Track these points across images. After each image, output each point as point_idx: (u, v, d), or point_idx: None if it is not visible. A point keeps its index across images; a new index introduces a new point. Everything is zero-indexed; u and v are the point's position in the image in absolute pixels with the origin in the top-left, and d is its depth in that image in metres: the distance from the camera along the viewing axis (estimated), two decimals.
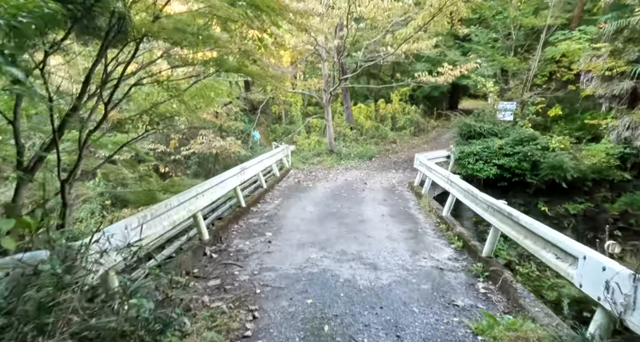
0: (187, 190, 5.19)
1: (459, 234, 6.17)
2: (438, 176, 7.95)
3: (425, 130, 21.48)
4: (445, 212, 7.24)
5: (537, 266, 6.09)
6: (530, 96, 13.46)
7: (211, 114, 13.70)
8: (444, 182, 7.45)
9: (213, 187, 6.10)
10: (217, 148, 12.50)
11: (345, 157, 15.88)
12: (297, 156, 16.80)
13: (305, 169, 14.01)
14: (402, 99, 21.72)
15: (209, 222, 6.62)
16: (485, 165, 11.82)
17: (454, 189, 6.80)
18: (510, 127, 12.93)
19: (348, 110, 19.34)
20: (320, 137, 18.65)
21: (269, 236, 6.34)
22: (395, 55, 14.45)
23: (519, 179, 11.79)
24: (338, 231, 6.65)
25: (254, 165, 8.93)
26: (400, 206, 8.67)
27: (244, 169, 8.04)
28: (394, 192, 10.14)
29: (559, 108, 15.73)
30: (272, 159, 11.14)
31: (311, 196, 9.61)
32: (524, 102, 13.53)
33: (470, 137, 12.78)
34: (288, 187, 10.71)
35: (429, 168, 8.82)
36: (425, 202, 8.38)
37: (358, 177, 12.47)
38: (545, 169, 11.37)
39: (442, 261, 5.36)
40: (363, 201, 9.05)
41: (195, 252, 5.19)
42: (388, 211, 8.12)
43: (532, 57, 17.49)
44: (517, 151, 11.69)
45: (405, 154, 17.06)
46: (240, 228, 6.77)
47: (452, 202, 7.16)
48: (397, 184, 11.41)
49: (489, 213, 5.14)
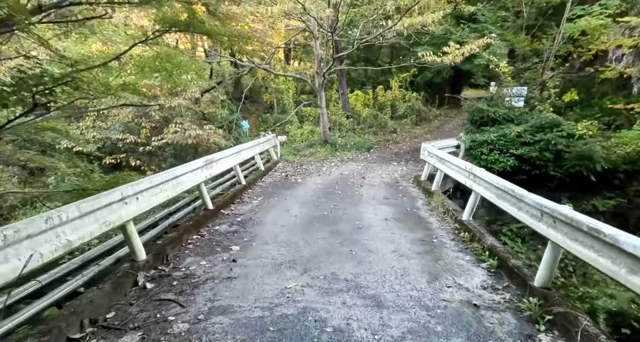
0: (105, 193, 3.51)
1: (491, 248, 4.53)
2: (455, 169, 6.30)
3: (427, 119, 19.79)
4: (466, 215, 5.60)
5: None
6: (551, 76, 11.77)
7: (189, 99, 11.96)
8: (464, 177, 5.80)
9: (157, 186, 4.42)
10: (193, 138, 10.81)
11: (340, 148, 14.20)
12: (288, 147, 15.13)
13: (296, 162, 12.33)
14: (402, 86, 19.96)
15: (158, 232, 4.95)
16: (501, 156, 10.19)
17: (481, 187, 5.15)
18: (528, 112, 11.26)
19: (344, 97, 17.60)
20: (313, 126, 16.94)
21: (235, 252, 4.69)
22: (396, 32, 12.68)
23: (539, 172, 10.18)
24: (328, 243, 5.01)
25: (227, 157, 7.24)
26: (407, 206, 7.03)
27: (211, 162, 6.36)
28: (397, 189, 8.49)
29: (574, 93, 14.06)
30: (254, 149, 9.45)
31: (299, 193, 7.96)
32: (544, 83, 11.84)
33: (483, 123, 11.11)
34: (272, 184, 9.04)
35: (441, 159, 7.16)
36: (438, 201, 6.74)
37: (355, 170, 10.81)
38: (571, 159, 9.74)
39: (475, 291, 3.74)
40: (361, 200, 7.41)
41: (120, 283, 3.53)
42: (392, 213, 6.48)
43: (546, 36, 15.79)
44: (538, 139, 10.05)
45: (406, 144, 15.39)
46: (199, 240, 5.11)
47: (475, 202, 5.53)
48: (400, 178, 9.76)
49: (546, 224, 3.50)
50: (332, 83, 21.71)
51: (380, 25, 12.75)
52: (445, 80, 22.33)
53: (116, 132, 11.54)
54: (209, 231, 5.49)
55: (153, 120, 11.68)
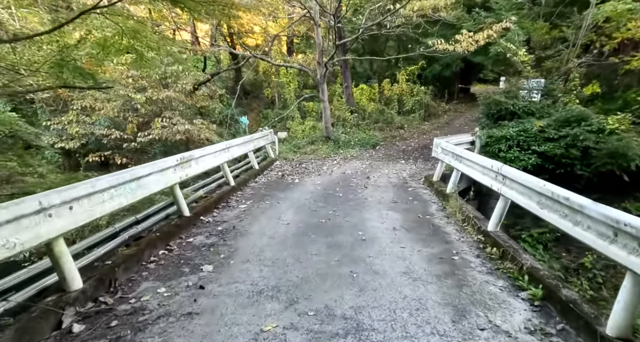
0: (11, 203, 2.55)
1: (531, 270, 3.51)
2: (477, 169, 5.26)
3: (435, 114, 18.67)
4: (492, 225, 4.57)
5: None
6: (578, 64, 10.63)
7: (180, 92, 11.00)
8: (490, 178, 4.77)
9: (104, 190, 3.47)
10: (182, 133, 9.87)
11: (344, 145, 13.18)
12: (288, 144, 14.16)
13: (295, 160, 11.34)
14: (409, 79, 18.83)
15: (112, 247, 3.99)
16: (522, 154, 9.10)
17: (513, 191, 4.12)
18: (550, 104, 10.15)
19: (348, 91, 16.54)
20: (316, 122, 15.92)
21: (206, 274, 3.71)
22: (405, 19, 11.60)
23: (564, 171, 9.09)
24: (324, 261, 4.02)
25: (210, 154, 6.26)
26: (418, 211, 6.01)
27: (188, 160, 5.39)
28: (406, 190, 7.47)
29: (596, 85, 12.88)
30: (246, 146, 8.46)
31: (294, 196, 6.97)
32: (569, 72, 10.71)
33: (501, 117, 10.02)
34: (266, 184, 8.06)
35: (459, 157, 6.12)
36: (455, 206, 5.71)
37: (359, 169, 9.79)
38: (602, 157, 8.63)
39: (519, 337, 2.73)
40: (365, 204, 6.40)
41: (31, 328, 2.58)
42: (401, 221, 5.46)
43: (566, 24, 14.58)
44: (563, 135, 8.95)
45: (415, 141, 14.32)
46: (165, 257, 4.15)
47: (504, 210, 4.49)
48: (408, 178, 8.73)
49: (625, 248, 2.47)
50: (336, 77, 20.67)
51: (387, 10, 11.66)
52: (455, 74, 21.14)
53: (101, 128, 10.63)
54: (180, 244, 4.52)
55: (141, 114, 10.75)
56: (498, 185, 4.48)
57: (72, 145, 10.44)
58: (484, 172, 5.01)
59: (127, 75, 10.55)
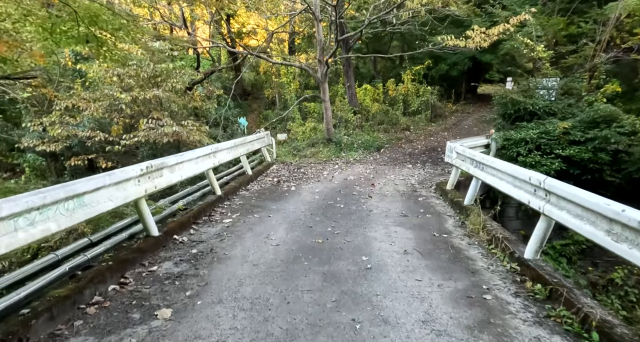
0: None
1: (603, 326, 2.53)
2: (507, 181, 4.26)
3: (442, 115, 17.64)
4: (531, 252, 3.58)
5: None
6: (608, 58, 9.61)
7: (170, 91, 10.09)
8: (527, 192, 3.78)
9: (21, 214, 2.54)
10: (169, 135, 8.97)
11: (346, 148, 12.22)
12: (287, 147, 13.26)
13: (293, 164, 10.41)
14: (415, 79, 17.82)
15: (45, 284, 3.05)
16: (544, 158, 8.09)
17: (564, 212, 3.14)
18: (573, 103, 9.13)
19: (351, 90, 15.58)
20: (317, 123, 14.96)
21: (160, 324, 2.76)
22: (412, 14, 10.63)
23: (591, 177, 8.07)
24: (318, 302, 3.06)
25: (190, 161, 5.33)
26: (432, 227, 5.03)
27: (159, 168, 4.46)
28: (416, 201, 6.49)
29: (616, 84, 11.85)
30: (237, 150, 7.53)
31: (289, 208, 6.01)
32: (595, 69, 9.70)
33: (519, 118, 9.02)
34: (259, 193, 7.11)
35: (480, 164, 5.14)
36: (476, 223, 4.73)
37: (362, 175, 8.82)
38: (635, 162, 7.63)
39: None
40: (370, 218, 5.44)
41: None
42: (414, 241, 4.49)
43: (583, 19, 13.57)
44: (591, 137, 7.93)
45: (421, 143, 13.33)
46: (116, 294, 3.21)
47: (547, 232, 3.51)
48: (418, 185, 7.75)
49: None
50: (338, 76, 19.73)
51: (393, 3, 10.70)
52: (463, 74, 20.10)
53: (85, 129, 9.76)
54: (140, 275, 3.58)
55: (127, 115, 9.86)
56: (539, 202, 3.50)
57: (54, 148, 9.56)
58: (517, 185, 4.02)
59: (113, 73, 9.67)
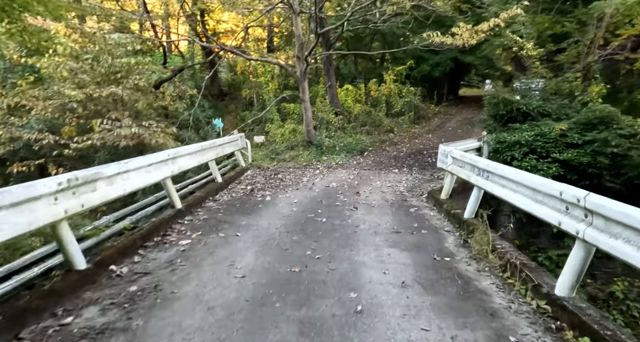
0: None
1: None
2: (525, 194, 3.45)
3: (425, 116, 17.08)
4: (565, 288, 2.78)
5: None
6: (600, 58, 9.12)
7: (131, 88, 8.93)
8: (555, 211, 2.98)
9: None
10: (128, 138, 7.85)
11: (328, 151, 11.34)
12: (265, 150, 12.28)
13: (271, 169, 9.44)
14: (397, 80, 17.17)
15: None
16: (540, 162, 7.44)
17: (619, 241, 2.33)
18: (567, 104, 8.58)
19: (332, 91, 14.73)
20: (296, 125, 14.03)
21: None
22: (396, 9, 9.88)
23: (589, 182, 7.48)
24: None
25: (140, 168, 4.30)
26: (431, 247, 4.20)
27: (89, 182, 3.43)
28: (408, 213, 5.67)
29: (601, 86, 11.51)
30: (204, 154, 6.51)
31: (261, 224, 5.06)
32: (589, 67, 9.19)
33: (511, 119, 8.36)
34: (228, 204, 6.11)
35: (485, 171, 4.35)
36: (483, 242, 3.92)
37: (346, 181, 7.95)
38: (637, 166, 7.07)
39: None
40: (356, 236, 4.55)
41: None
42: (412, 268, 3.63)
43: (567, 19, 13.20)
44: (589, 139, 7.33)
45: (406, 146, 12.63)
46: None
47: (586, 263, 2.72)
48: (407, 193, 6.95)
49: None
50: (319, 77, 18.88)
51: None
52: (445, 75, 19.66)
53: (32, 131, 8.49)
54: (45, 331, 2.55)
55: (82, 115, 8.65)
56: (575, 225, 2.70)
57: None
58: (538, 199, 3.22)
59: (63, 68, 8.45)
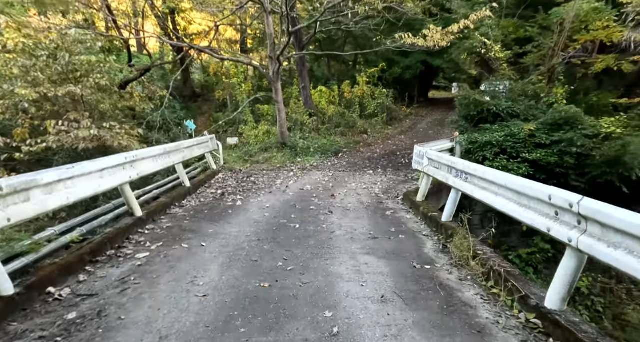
0: None
1: None
2: (509, 198, 3.19)
3: (398, 118, 17.03)
4: (556, 301, 2.52)
5: None
6: (564, 60, 9.24)
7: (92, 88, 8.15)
8: (542, 216, 2.72)
9: None
10: (87, 140, 7.11)
11: (302, 153, 10.94)
12: (238, 152, 11.71)
13: (243, 171, 8.93)
14: (369, 82, 17.02)
15: None
16: (511, 162, 7.40)
17: (619, 251, 2.07)
18: (533, 105, 8.62)
19: (306, 92, 14.35)
20: (270, 126, 13.53)
21: None
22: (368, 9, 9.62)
23: (557, 182, 7.50)
24: None
25: (86, 175, 3.72)
26: (410, 255, 3.90)
27: (18, 191, 2.86)
28: (384, 216, 5.36)
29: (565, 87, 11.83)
30: (170, 157, 5.92)
31: (230, 231, 4.59)
32: (553, 69, 9.30)
33: (482, 120, 8.31)
34: (195, 210, 5.58)
35: (463, 173, 4.10)
36: (463, 248, 3.66)
37: (321, 184, 7.58)
38: (599, 165, 7.16)
39: None
40: (332, 244, 4.18)
41: None
42: (391, 279, 3.30)
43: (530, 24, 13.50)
44: (556, 139, 7.37)
45: (380, 147, 12.43)
46: None
47: (578, 273, 2.47)
48: (383, 195, 6.66)
49: None
50: (292, 78, 18.45)
51: None
52: (415, 77, 19.73)
53: None
54: None
55: (36, 116, 7.80)
56: (567, 232, 2.45)
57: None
58: (523, 203, 2.98)
59: (14, 65, 7.58)
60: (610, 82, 13.57)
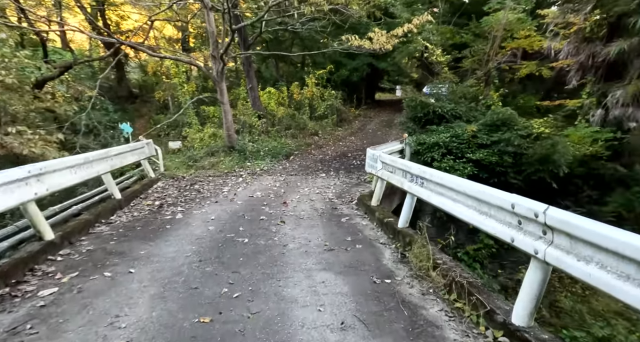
0: None
1: None
2: (469, 205, 2.98)
3: (347, 119, 16.99)
4: (523, 316, 2.32)
5: None
6: (498, 64, 9.65)
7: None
8: (507, 226, 2.52)
9: None
10: None
11: (251, 156, 10.29)
12: (181, 157, 10.71)
13: (186, 178, 8.09)
14: (318, 83, 16.76)
15: None
16: (457, 162, 7.52)
17: (591, 266, 1.88)
18: (473, 106, 8.91)
19: (254, 93, 13.67)
20: (217, 129, 12.64)
21: None
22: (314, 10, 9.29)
23: (498, 180, 7.78)
24: None
25: None
26: (369, 268, 3.57)
27: None
28: (339, 223, 5.02)
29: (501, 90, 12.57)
30: (92, 168, 5.01)
31: (166, 252, 3.92)
32: (489, 73, 9.69)
33: (428, 121, 8.39)
34: (126, 227, 4.77)
35: (420, 178, 3.88)
36: (422, 256, 3.42)
37: (272, 189, 7.06)
38: (533, 163, 7.53)
39: None
40: (285, 260, 3.72)
41: None
42: (350, 298, 2.93)
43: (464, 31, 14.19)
44: (495, 140, 7.62)
45: (331, 149, 12.18)
46: None
47: (543, 286, 2.28)
48: (336, 200, 6.34)
49: None
50: (240, 79, 17.57)
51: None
52: (362, 80, 19.92)
53: None
54: None
55: None
56: (533, 243, 2.26)
57: None
58: (484, 211, 2.78)
59: None
60: (533, 86, 14.74)
